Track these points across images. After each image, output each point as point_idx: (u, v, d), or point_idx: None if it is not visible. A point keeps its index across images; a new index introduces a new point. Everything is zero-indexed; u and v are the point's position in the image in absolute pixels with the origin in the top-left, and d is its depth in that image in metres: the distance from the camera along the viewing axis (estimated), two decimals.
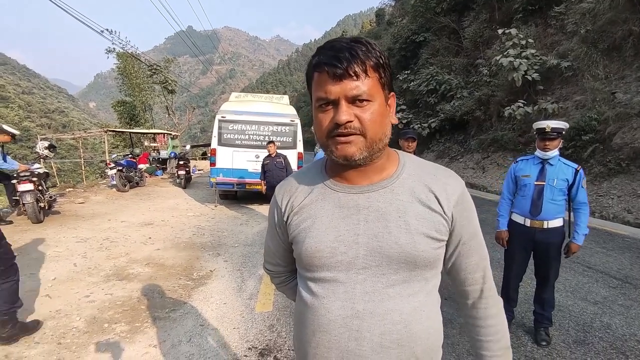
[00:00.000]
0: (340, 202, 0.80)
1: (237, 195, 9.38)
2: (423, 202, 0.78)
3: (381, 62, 0.73)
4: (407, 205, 0.77)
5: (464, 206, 0.81)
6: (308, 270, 0.82)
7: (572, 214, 2.71)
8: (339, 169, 0.81)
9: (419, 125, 18.05)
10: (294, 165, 8.18)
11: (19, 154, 31.85)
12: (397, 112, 19.62)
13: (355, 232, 0.77)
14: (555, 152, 2.66)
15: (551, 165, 2.69)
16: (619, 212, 7.12)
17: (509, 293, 2.91)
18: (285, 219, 0.87)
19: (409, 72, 20.72)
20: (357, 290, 0.76)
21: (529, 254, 2.82)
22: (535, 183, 2.70)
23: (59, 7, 9.94)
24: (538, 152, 2.73)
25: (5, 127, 5.95)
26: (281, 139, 8.19)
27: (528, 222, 2.73)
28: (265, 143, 8.15)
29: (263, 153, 8.15)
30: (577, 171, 2.62)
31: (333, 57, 0.70)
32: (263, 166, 6.72)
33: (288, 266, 1.00)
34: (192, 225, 6.59)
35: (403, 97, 20.52)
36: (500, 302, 0.89)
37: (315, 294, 0.80)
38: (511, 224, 2.87)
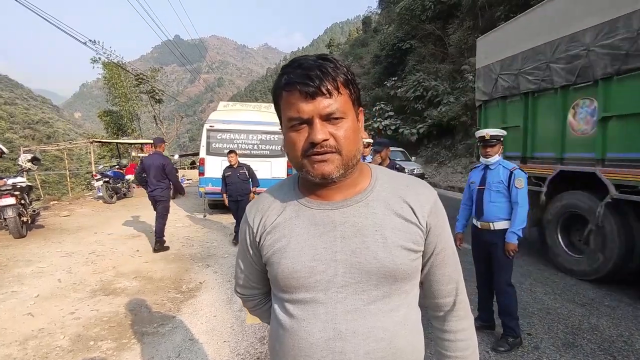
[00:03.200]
0: (315, 219, 0.78)
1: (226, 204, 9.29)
2: (398, 214, 0.77)
3: (349, 78, 0.73)
4: (383, 218, 0.76)
5: (438, 216, 0.80)
6: (285, 292, 0.79)
7: None
8: (312, 185, 0.79)
9: (407, 131, 18.24)
10: (283, 173, 8.15)
11: (1, 166, 31.11)
12: (386, 118, 19.84)
13: (332, 249, 0.75)
14: (495, 158, 2.88)
15: (491, 169, 2.90)
16: None
17: (480, 294, 3.02)
18: (257, 239, 0.83)
19: (396, 78, 20.99)
20: (338, 309, 0.74)
21: (486, 255, 2.93)
22: (478, 187, 2.95)
23: (43, 18, 9.81)
24: (482, 159, 2.96)
25: None
26: (270, 148, 8.18)
27: (479, 224, 2.94)
28: (254, 152, 8.15)
29: (251, 162, 8.11)
30: (511, 172, 2.80)
31: (304, 75, 0.69)
32: (224, 177, 6.10)
33: (262, 288, 0.96)
34: (181, 236, 6.50)
35: (391, 104, 20.75)
36: (471, 317, 0.88)
37: (294, 317, 0.77)
38: (472, 227, 3.06)
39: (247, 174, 6.13)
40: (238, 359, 2.64)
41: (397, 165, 4.09)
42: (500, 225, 2.81)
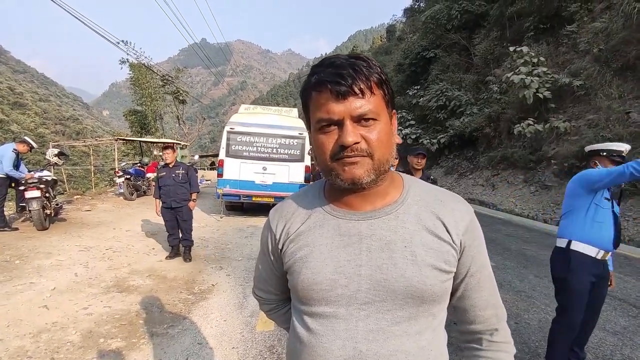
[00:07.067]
0: (340, 229, 0.73)
1: (243, 207, 9.33)
2: (430, 230, 0.72)
3: (383, 78, 0.69)
4: (414, 234, 0.71)
5: (474, 234, 0.75)
6: (304, 303, 0.75)
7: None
8: (339, 193, 0.75)
9: (427, 140, 17.95)
10: (300, 178, 8.11)
11: (32, 160, 32.48)
12: (406, 127, 19.60)
13: (357, 262, 0.70)
14: None
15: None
16: (635, 235, 6.87)
17: (581, 342, 2.47)
18: (280, 246, 0.80)
19: (418, 87, 20.77)
20: (359, 327, 0.69)
21: (590, 290, 2.35)
22: (612, 209, 2.31)
23: (79, 20, 10.20)
24: None
25: (27, 139, 6.45)
26: (289, 152, 8.17)
27: (600, 255, 2.28)
28: (272, 155, 8.14)
29: (271, 165, 8.12)
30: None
31: (335, 74, 0.65)
32: (158, 179, 5.01)
33: (281, 294, 0.93)
34: (197, 236, 6.51)
35: (412, 112, 20.51)
36: (513, 349, 0.80)
37: (313, 331, 0.73)
38: (576, 258, 2.31)
39: (185, 175, 4.99)
40: None
41: (432, 177, 3.93)
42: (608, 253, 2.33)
